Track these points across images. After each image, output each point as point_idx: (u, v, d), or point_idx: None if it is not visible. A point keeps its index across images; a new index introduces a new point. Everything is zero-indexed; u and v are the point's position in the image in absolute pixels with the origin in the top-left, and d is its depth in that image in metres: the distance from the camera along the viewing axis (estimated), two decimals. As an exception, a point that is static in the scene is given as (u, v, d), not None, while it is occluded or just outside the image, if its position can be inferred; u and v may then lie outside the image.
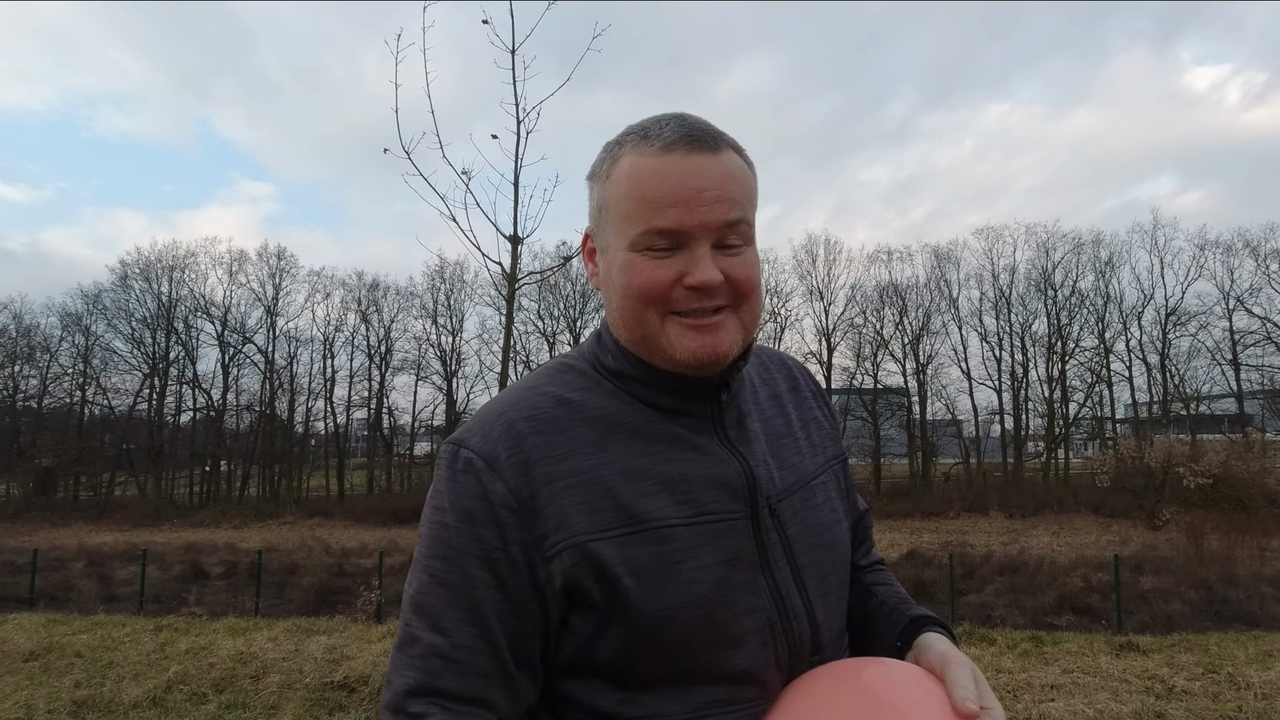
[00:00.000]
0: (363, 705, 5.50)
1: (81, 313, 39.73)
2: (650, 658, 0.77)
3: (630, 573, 0.76)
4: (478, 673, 0.76)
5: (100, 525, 31.44)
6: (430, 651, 0.76)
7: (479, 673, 0.76)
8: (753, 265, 0.84)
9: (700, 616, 0.78)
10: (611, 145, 0.88)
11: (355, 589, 12.09)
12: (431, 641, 0.76)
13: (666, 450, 0.84)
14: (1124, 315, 36.28)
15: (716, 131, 0.84)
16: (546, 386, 0.87)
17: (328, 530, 28.19)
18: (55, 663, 6.91)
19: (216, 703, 5.61)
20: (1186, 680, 5.96)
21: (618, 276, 0.84)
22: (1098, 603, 12.17)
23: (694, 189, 0.80)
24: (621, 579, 0.76)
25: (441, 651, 0.75)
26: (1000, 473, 35.44)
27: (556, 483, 0.79)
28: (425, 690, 0.75)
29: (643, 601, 0.76)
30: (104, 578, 16.12)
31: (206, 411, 41.04)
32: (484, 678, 0.76)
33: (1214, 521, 18.11)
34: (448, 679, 0.75)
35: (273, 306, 40.71)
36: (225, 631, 8.35)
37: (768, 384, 1.00)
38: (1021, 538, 23.02)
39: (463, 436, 0.83)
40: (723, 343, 0.82)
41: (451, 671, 0.75)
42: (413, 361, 41.21)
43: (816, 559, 0.88)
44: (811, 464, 0.96)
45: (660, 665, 0.78)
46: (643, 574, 0.77)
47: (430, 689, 0.75)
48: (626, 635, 0.77)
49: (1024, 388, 36.98)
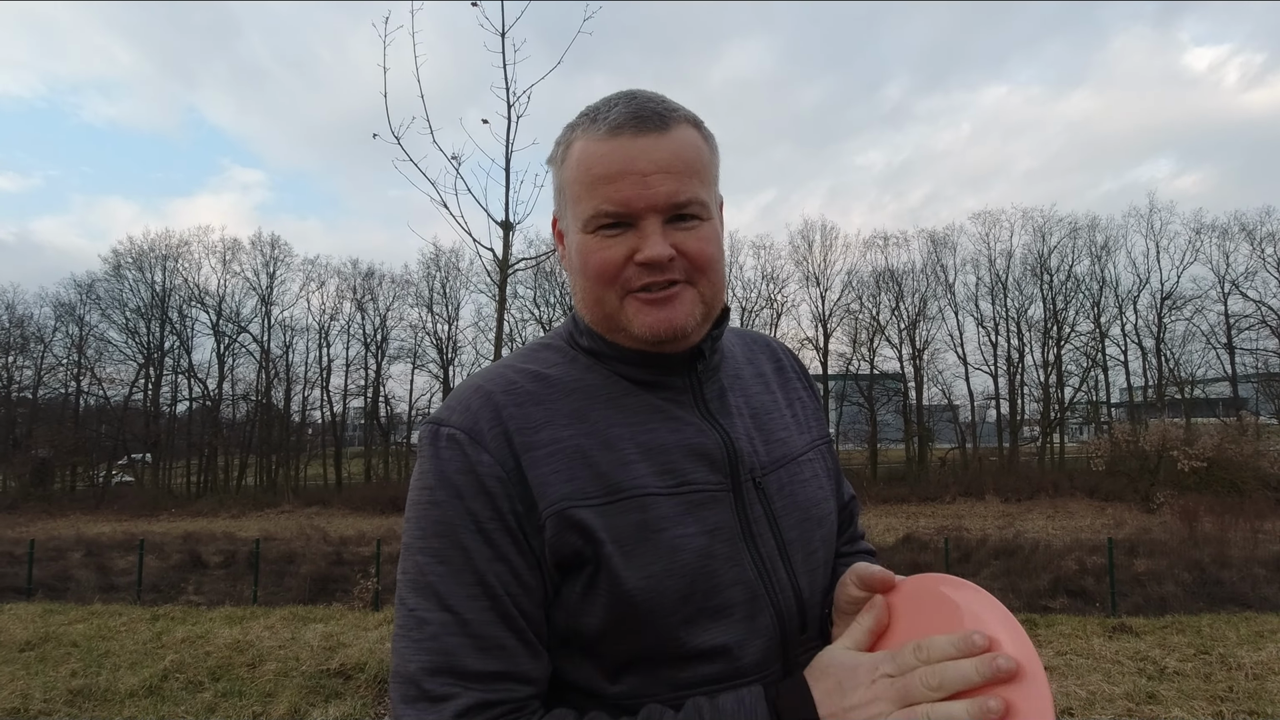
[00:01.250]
0: (359, 692, 5.52)
1: (75, 303, 39.62)
2: (634, 630, 0.76)
3: (612, 540, 0.75)
4: (497, 646, 0.73)
5: (98, 515, 31.47)
6: (442, 631, 0.73)
7: (499, 646, 0.73)
8: (708, 239, 0.83)
9: (683, 585, 0.76)
10: (566, 129, 0.88)
11: (353, 577, 12.13)
12: (442, 620, 0.73)
13: (645, 420, 0.83)
14: (1120, 300, 36.39)
15: (667, 108, 0.83)
16: (522, 364, 0.87)
17: (325, 519, 28.26)
18: (51, 652, 6.91)
19: (213, 691, 5.62)
20: (1178, 661, 6.00)
21: (576, 258, 0.85)
22: (1092, 585, 12.26)
23: (639, 171, 0.79)
24: (604, 545, 0.75)
25: (453, 630, 0.73)
26: (996, 457, 35.62)
27: (536, 451, 0.78)
28: (443, 670, 0.72)
29: (625, 569, 0.75)
30: (102, 568, 16.13)
31: (203, 401, 41.00)
32: (504, 650, 0.73)
33: (1208, 504, 18.23)
34: (466, 657, 0.72)
35: (267, 295, 40.61)
36: (222, 620, 8.36)
37: (752, 362, 1.00)
38: (1017, 522, 23.15)
39: (442, 415, 0.82)
40: (678, 315, 0.82)
41: (468, 649, 0.72)
42: (409, 350, 41.21)
43: (804, 534, 0.87)
44: (798, 441, 0.96)
45: (644, 638, 0.76)
46: (624, 542, 0.76)
47: (448, 668, 0.72)
48: (610, 604, 0.76)
49: (1020, 372, 37.11)
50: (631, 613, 0.76)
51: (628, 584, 0.75)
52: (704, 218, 0.83)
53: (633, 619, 0.76)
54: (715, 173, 0.88)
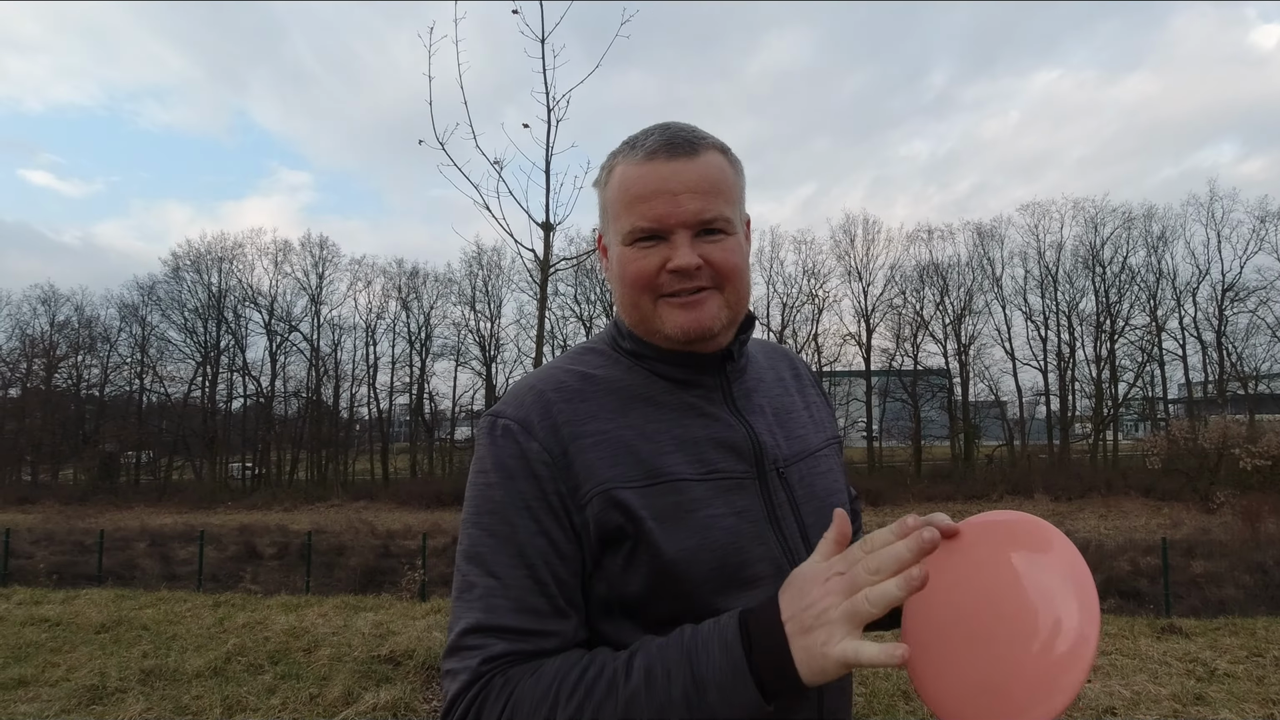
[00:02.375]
0: (408, 678, 5.74)
1: (138, 304, 41.40)
2: (671, 597, 0.87)
3: (652, 516, 0.86)
4: (532, 609, 0.84)
5: (160, 507, 32.87)
6: (486, 594, 0.84)
7: (533, 609, 0.84)
8: (733, 251, 0.94)
9: (715, 558, 0.87)
10: (609, 157, 1.00)
11: (400, 569, 12.48)
12: (487, 584, 0.84)
13: (680, 416, 0.95)
14: (1177, 292, 35.02)
15: (696, 137, 0.95)
16: (570, 365, 0.99)
17: (373, 513, 29.00)
18: (124, 634, 7.34)
19: (272, 673, 5.92)
20: (1229, 663, 5.85)
21: (616, 268, 0.97)
22: (1145, 587, 11.89)
23: (670, 191, 0.91)
24: (645, 521, 0.86)
25: (496, 593, 0.84)
26: (1045, 455, 34.68)
27: (583, 440, 0.89)
28: (484, 627, 0.83)
29: (663, 542, 0.86)
30: (165, 557, 16.89)
31: (256, 398, 42.43)
32: (537, 613, 0.84)
33: (1272, 504, 17.48)
34: (505, 616, 0.83)
35: (316, 295, 41.80)
36: (278, 608, 8.73)
37: (773, 368, 1.12)
38: (1067, 521, 22.53)
39: (498, 409, 0.94)
40: (705, 317, 0.93)
41: (507, 609, 0.83)
42: (452, 347, 41.97)
43: (821, 519, 0.97)
44: (815, 438, 1.07)
45: (680, 605, 0.86)
46: (663, 518, 0.87)
47: (488, 626, 0.83)
48: (650, 574, 0.86)
49: (1070, 368, 36.02)
50: (669, 582, 0.86)
51: (666, 556, 0.86)
52: (729, 232, 0.94)
53: (670, 587, 0.86)
54: (740, 194, 0.99)
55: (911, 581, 0.66)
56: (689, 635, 0.78)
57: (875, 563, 0.70)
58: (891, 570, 0.69)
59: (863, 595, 0.69)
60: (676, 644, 0.78)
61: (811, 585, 0.74)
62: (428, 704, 5.23)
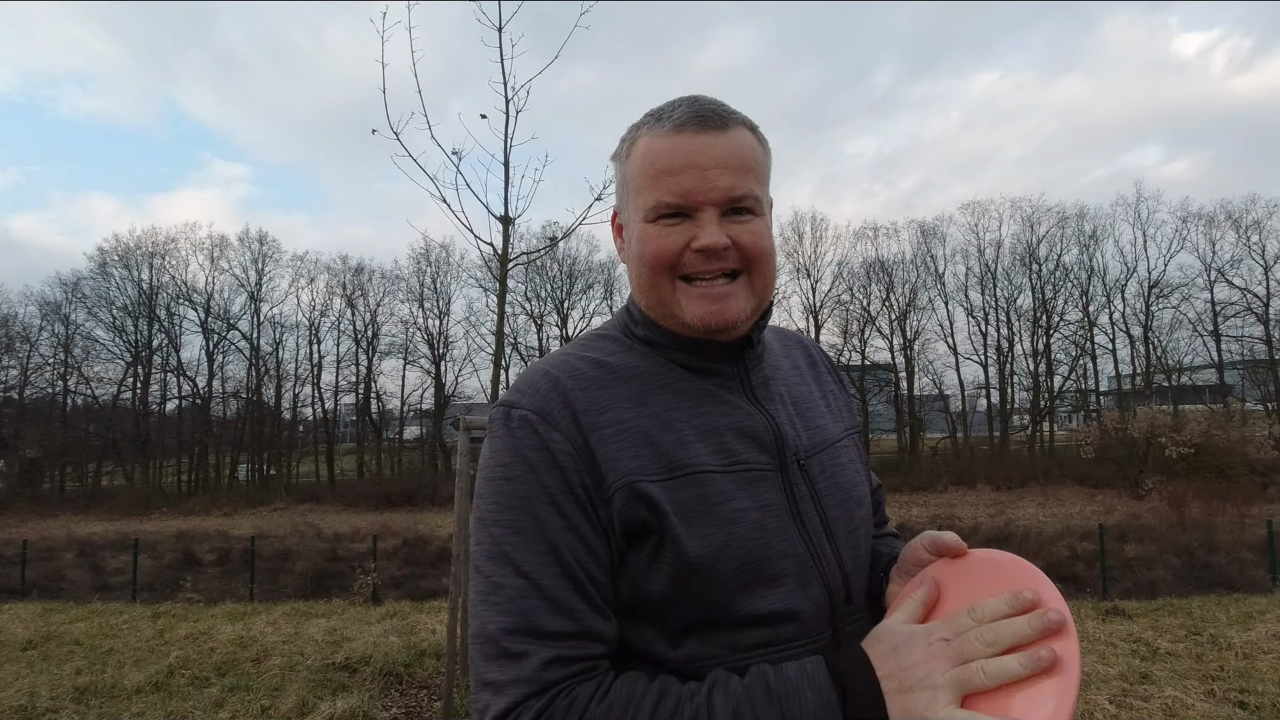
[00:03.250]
0: (366, 685, 5.55)
1: (61, 301, 39.25)
2: (694, 596, 0.81)
3: (675, 511, 0.81)
4: (569, 608, 0.78)
5: (88, 515, 31.27)
6: (518, 595, 0.77)
7: (570, 608, 0.78)
8: (761, 233, 0.89)
9: (740, 554, 0.82)
10: (632, 128, 0.94)
11: (350, 573, 12.14)
12: (517, 585, 0.78)
13: (699, 404, 0.89)
14: (1107, 288, 36.70)
15: (726, 111, 0.89)
16: (583, 352, 0.92)
17: (319, 515, 28.19)
18: (55, 651, 6.91)
19: (219, 685, 5.64)
20: (1170, 642, 6.12)
21: (635, 246, 0.90)
22: (1083, 571, 12.43)
23: (699, 165, 0.85)
24: (669, 516, 0.80)
25: (528, 594, 0.77)
26: (987, 446, 35.91)
27: (602, 431, 0.83)
28: (520, 629, 0.76)
29: (687, 538, 0.80)
30: (95, 567, 16.08)
31: (192, 399, 40.75)
32: (576, 613, 0.78)
33: (1196, 490, 18.48)
34: (542, 618, 0.76)
35: (256, 292, 40.38)
36: (224, 617, 8.37)
37: (789, 356, 1.07)
38: (1008, 509, 23.40)
39: (512, 398, 0.86)
40: (731, 309, 0.87)
41: (543, 610, 0.77)
42: (400, 345, 41.09)
43: (844, 513, 0.93)
44: (834, 428, 1.02)
45: (703, 604, 0.81)
46: (686, 514, 0.81)
47: (525, 628, 0.76)
48: (674, 571, 0.81)
49: (1009, 362, 37.38)
50: (693, 579, 0.81)
51: (690, 552, 0.80)
52: (758, 213, 0.89)
53: (694, 585, 0.81)
54: (768, 174, 0.94)
55: (1040, 663, 0.67)
56: (774, 679, 0.75)
57: (992, 635, 0.71)
58: (1009, 644, 0.70)
59: (977, 667, 0.70)
60: (761, 686, 0.75)
61: (913, 646, 0.75)
62: (387, 711, 5.06)
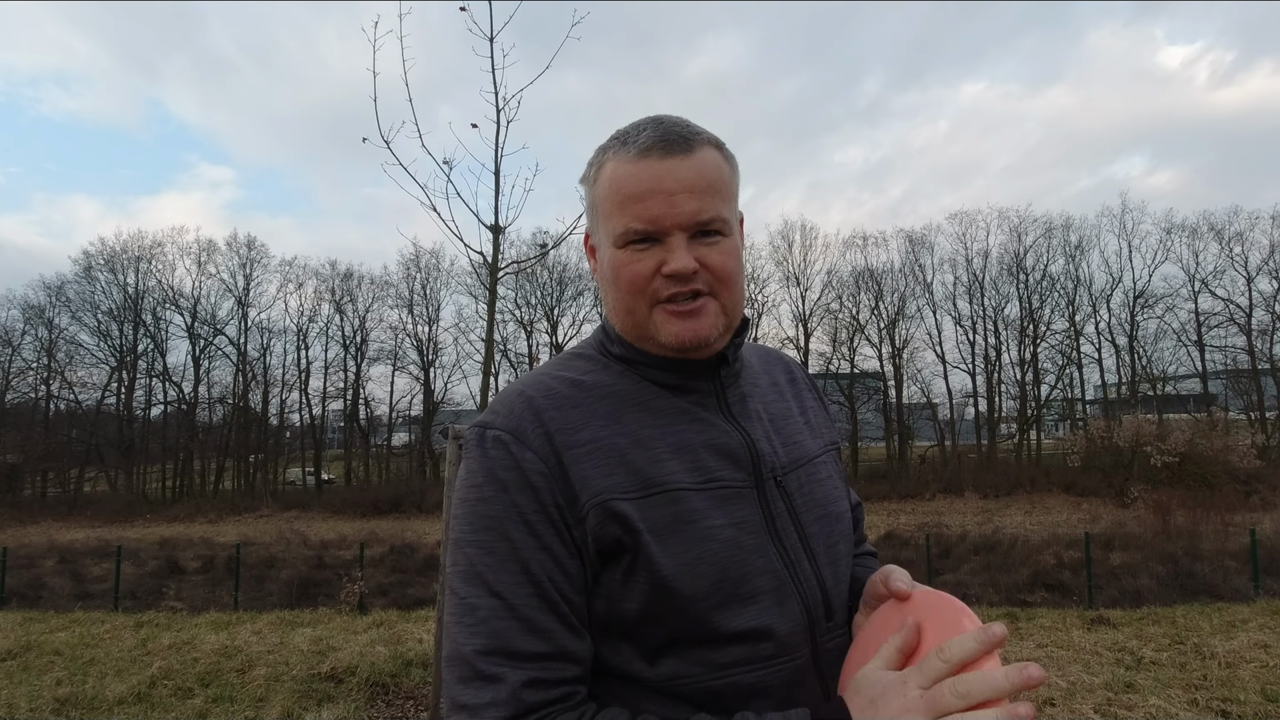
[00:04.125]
0: (352, 695, 5.51)
1: (44, 305, 38.80)
2: (670, 613, 0.82)
3: (649, 529, 0.81)
4: (543, 629, 0.79)
5: (70, 521, 30.85)
6: (491, 616, 0.78)
7: (544, 629, 0.79)
8: (729, 254, 0.90)
9: (715, 571, 0.82)
10: (599, 151, 0.94)
11: (337, 581, 12.03)
12: (491, 606, 0.79)
13: (674, 422, 0.90)
14: (1093, 298, 37.08)
15: (691, 132, 0.90)
16: (558, 371, 0.93)
17: (305, 523, 27.92)
18: (34, 661, 6.81)
19: (203, 696, 5.58)
20: (1155, 651, 6.17)
21: (608, 271, 0.92)
22: (1069, 579, 12.49)
23: (666, 191, 0.86)
24: (642, 534, 0.81)
25: (502, 615, 0.78)
26: (974, 454, 36.11)
27: (576, 450, 0.84)
28: (495, 651, 0.77)
29: (661, 556, 0.81)
30: (76, 575, 15.83)
31: (178, 405, 40.36)
32: (550, 633, 0.79)
33: (1180, 498, 18.62)
34: (515, 638, 0.77)
35: (244, 297, 40.10)
36: (208, 626, 8.27)
37: (768, 373, 1.08)
38: (995, 517, 23.50)
39: (487, 419, 0.88)
40: (703, 327, 0.88)
41: (517, 632, 0.78)
42: (389, 351, 40.89)
43: (823, 529, 0.94)
44: (813, 445, 1.02)
45: (679, 622, 0.82)
46: (660, 531, 0.82)
47: (499, 649, 0.77)
48: (648, 590, 0.81)
49: (997, 370, 37.66)
50: (667, 597, 0.81)
51: (664, 570, 0.81)
52: (725, 234, 0.90)
53: (669, 602, 0.81)
54: (736, 191, 0.95)
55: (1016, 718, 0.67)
56: None
57: (965, 688, 0.70)
58: (983, 699, 0.69)
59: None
60: None
61: (889, 699, 0.74)
62: (373, 723, 5.02)
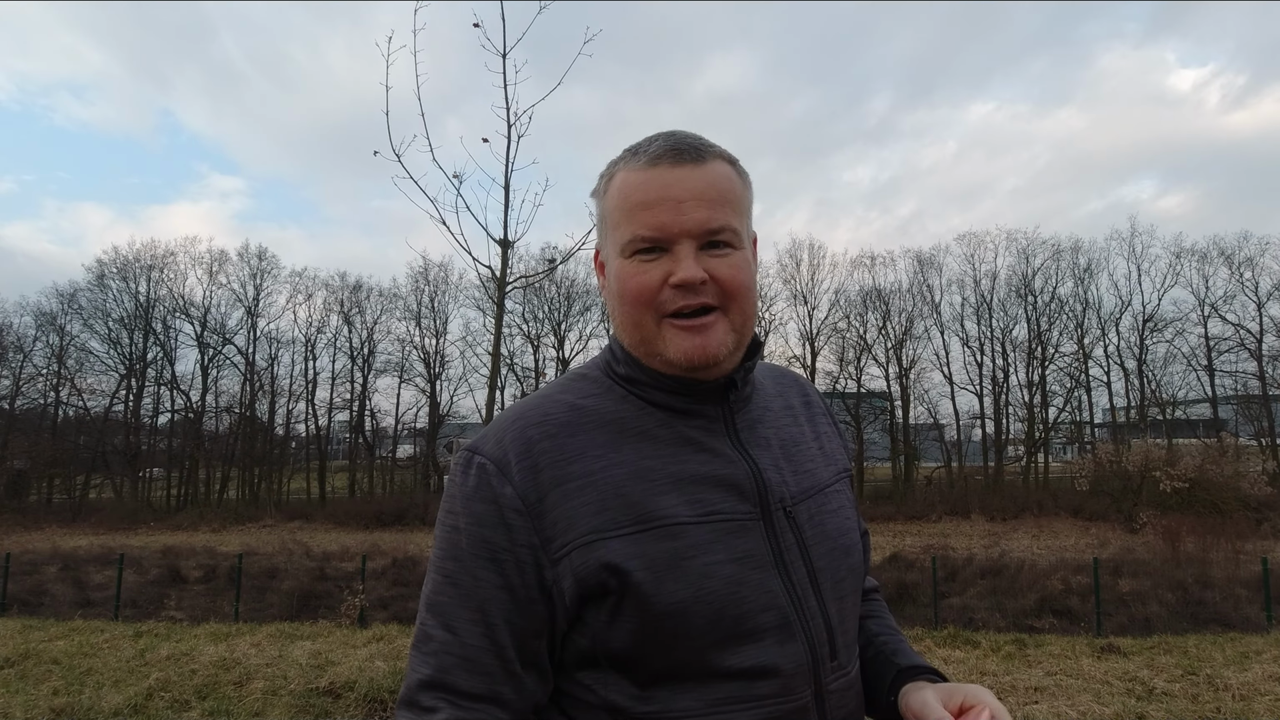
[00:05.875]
0: (349, 711, 5.45)
1: (56, 312, 39.07)
2: (662, 650, 0.79)
3: (643, 566, 0.79)
4: (484, 671, 0.79)
5: (74, 528, 30.87)
6: (442, 649, 0.80)
7: (486, 671, 0.79)
8: (740, 267, 0.88)
9: (712, 611, 0.79)
10: (610, 164, 0.93)
11: (338, 593, 11.98)
12: (443, 639, 0.80)
13: (677, 452, 0.87)
14: (1102, 321, 36.86)
15: (703, 144, 0.89)
16: (559, 395, 0.90)
17: (308, 534, 27.88)
18: (32, 670, 6.77)
19: (199, 710, 5.52)
20: (1166, 682, 6.06)
21: (614, 283, 0.89)
22: (1077, 605, 12.32)
23: (675, 199, 0.85)
24: (634, 573, 0.78)
25: (451, 649, 0.80)
26: (981, 476, 35.79)
27: (568, 484, 0.81)
28: (436, 684, 0.79)
29: (654, 594, 0.78)
30: (79, 582, 15.81)
31: (185, 413, 40.47)
32: (490, 676, 0.79)
33: (1190, 525, 18.40)
34: (457, 675, 0.79)
35: (254, 307, 40.26)
36: (207, 637, 8.23)
37: (782, 396, 1.04)
38: (1002, 541, 23.27)
39: (477, 444, 0.86)
40: (711, 343, 0.86)
41: (461, 668, 0.79)
42: (396, 363, 40.93)
43: (832, 563, 0.90)
44: (825, 472, 0.99)
45: (672, 658, 0.79)
46: (655, 568, 0.79)
47: (441, 684, 0.79)
48: (639, 627, 0.79)
49: (1004, 392, 37.40)
50: (660, 634, 0.79)
51: (656, 609, 0.78)
52: (736, 246, 0.88)
53: (661, 639, 0.79)
54: (748, 207, 0.93)
55: None
56: None
57: None
58: None
59: None
60: None
61: None
62: (370, 740, 4.96)
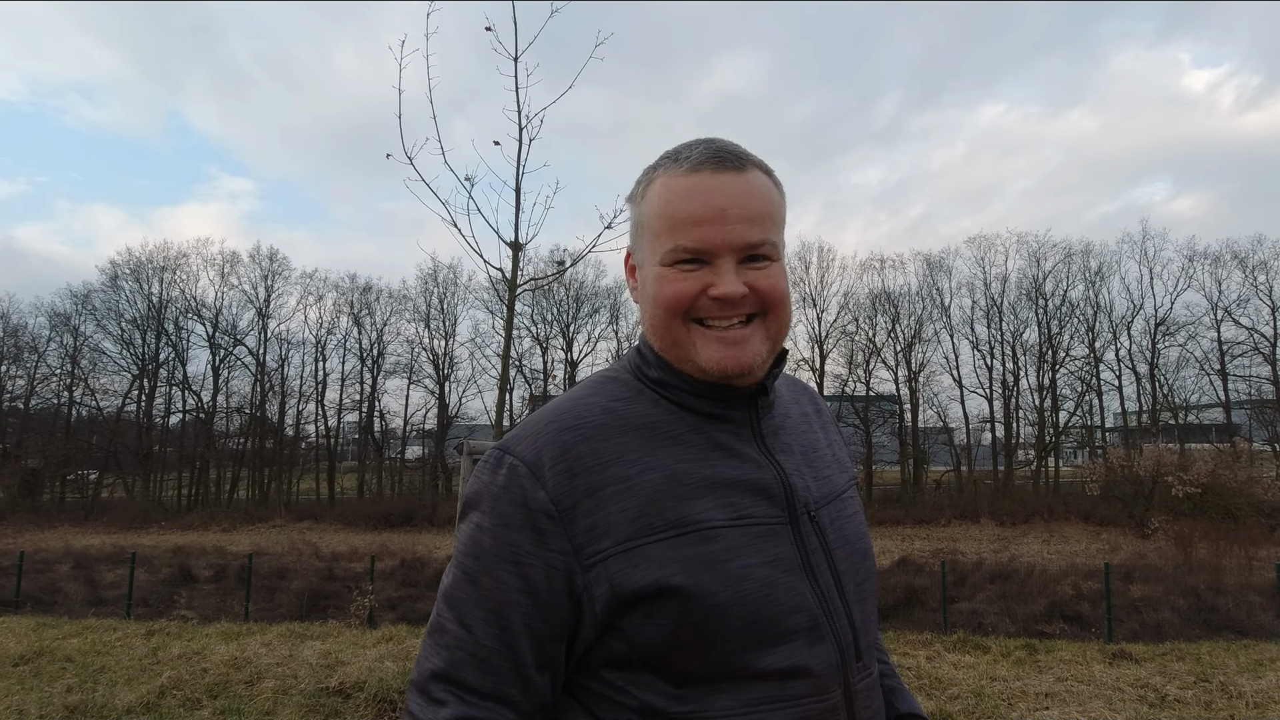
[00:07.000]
0: (359, 711, 5.47)
1: (70, 313, 39.45)
2: (699, 652, 0.80)
3: (680, 571, 0.79)
4: (495, 671, 0.80)
5: (87, 527, 31.13)
6: (455, 643, 0.81)
7: (496, 671, 0.80)
8: (778, 278, 0.89)
9: (747, 613, 0.80)
10: (648, 170, 0.94)
11: (347, 594, 12.03)
12: (457, 634, 0.81)
13: (708, 456, 0.88)
14: (1114, 325, 36.57)
15: (743, 153, 0.90)
16: (591, 397, 0.91)
17: (318, 534, 28.02)
18: (46, 667, 6.83)
19: (211, 708, 5.56)
20: (1179, 689, 6.00)
21: (650, 288, 0.90)
22: (1088, 610, 12.23)
23: (718, 207, 0.85)
24: (672, 577, 0.79)
25: (464, 645, 0.81)
26: (991, 480, 35.59)
27: (605, 489, 0.82)
28: (447, 677, 0.80)
29: (694, 597, 0.79)
30: (91, 580, 15.96)
31: (196, 414, 40.76)
32: (500, 676, 0.80)
33: (1202, 530, 18.27)
34: (467, 671, 0.80)
35: (265, 309, 40.52)
36: (218, 636, 8.28)
37: (797, 403, 1.07)
38: (1012, 545, 23.14)
39: (509, 443, 0.86)
40: (747, 354, 0.87)
41: (471, 665, 0.80)
42: (405, 365, 41.06)
43: (853, 566, 0.91)
44: (840, 479, 1.01)
45: (708, 660, 0.80)
46: (691, 572, 0.80)
47: (452, 677, 0.80)
48: (677, 630, 0.79)
49: (1015, 396, 37.17)
50: (695, 637, 0.79)
51: (695, 613, 0.79)
52: (774, 258, 0.89)
53: (697, 642, 0.79)
54: (784, 218, 0.94)
55: None
56: None
57: None
58: None
59: None
60: None
61: None
62: (379, 740, 4.98)
